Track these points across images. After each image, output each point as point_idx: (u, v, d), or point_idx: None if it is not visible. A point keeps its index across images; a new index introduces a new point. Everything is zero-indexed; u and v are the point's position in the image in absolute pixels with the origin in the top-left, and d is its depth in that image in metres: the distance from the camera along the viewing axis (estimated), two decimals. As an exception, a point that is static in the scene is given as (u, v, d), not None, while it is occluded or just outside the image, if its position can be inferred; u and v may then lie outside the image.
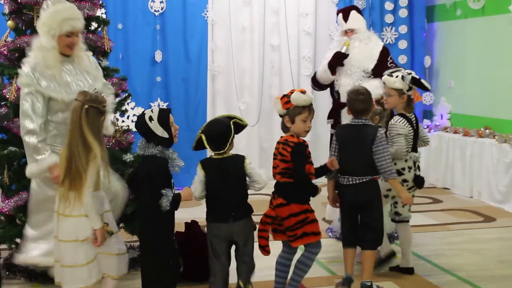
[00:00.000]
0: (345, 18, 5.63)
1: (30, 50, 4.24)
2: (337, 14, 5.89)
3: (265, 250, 3.91)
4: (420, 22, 8.76)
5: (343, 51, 5.48)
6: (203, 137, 3.79)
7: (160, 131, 3.53)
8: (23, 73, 4.11)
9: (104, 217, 3.63)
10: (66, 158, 3.51)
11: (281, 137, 4.04)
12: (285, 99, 3.96)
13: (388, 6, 8.59)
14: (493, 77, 7.55)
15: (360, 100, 4.26)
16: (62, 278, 3.59)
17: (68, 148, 3.51)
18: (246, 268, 3.89)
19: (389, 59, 5.51)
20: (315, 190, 3.93)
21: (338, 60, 5.46)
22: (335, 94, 5.60)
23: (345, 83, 5.38)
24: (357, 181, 4.19)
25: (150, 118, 3.53)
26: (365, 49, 5.50)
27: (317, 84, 5.75)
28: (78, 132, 3.47)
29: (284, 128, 4.01)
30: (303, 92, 3.95)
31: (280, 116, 4.01)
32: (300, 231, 3.90)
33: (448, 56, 8.48)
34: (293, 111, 3.93)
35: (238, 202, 3.82)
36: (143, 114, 3.59)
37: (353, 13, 5.64)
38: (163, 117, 3.55)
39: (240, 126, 3.84)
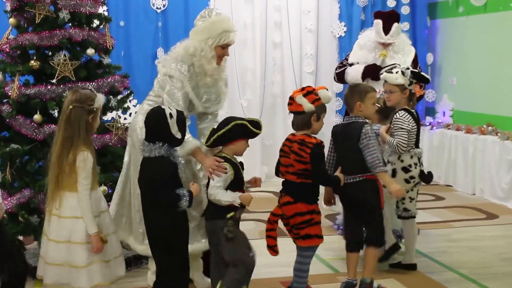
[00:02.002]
0: (386, 30, 5.46)
1: (179, 49, 4.15)
2: (375, 17, 5.66)
3: (273, 250, 3.85)
4: (422, 19, 8.75)
5: (378, 63, 5.44)
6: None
7: (175, 130, 3.45)
8: (178, 69, 4.03)
9: (101, 218, 3.57)
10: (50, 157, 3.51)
11: (293, 134, 3.94)
12: (313, 96, 3.82)
13: (390, 3, 8.58)
14: (496, 74, 7.53)
15: (345, 94, 4.24)
16: (45, 274, 3.55)
17: (53, 147, 3.50)
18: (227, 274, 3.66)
19: (418, 68, 5.38)
20: (339, 182, 3.96)
21: (375, 74, 5.35)
22: None
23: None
24: (353, 180, 4.07)
25: (171, 115, 3.44)
26: (400, 60, 5.39)
27: (343, 81, 5.75)
28: (60, 131, 3.47)
29: (301, 126, 3.88)
30: (327, 89, 3.92)
31: (299, 113, 3.84)
32: (303, 232, 3.84)
33: (450, 53, 8.46)
34: (321, 109, 3.88)
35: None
36: (161, 108, 3.48)
37: (396, 26, 5.47)
38: (182, 117, 3.51)
39: (249, 132, 3.69)
